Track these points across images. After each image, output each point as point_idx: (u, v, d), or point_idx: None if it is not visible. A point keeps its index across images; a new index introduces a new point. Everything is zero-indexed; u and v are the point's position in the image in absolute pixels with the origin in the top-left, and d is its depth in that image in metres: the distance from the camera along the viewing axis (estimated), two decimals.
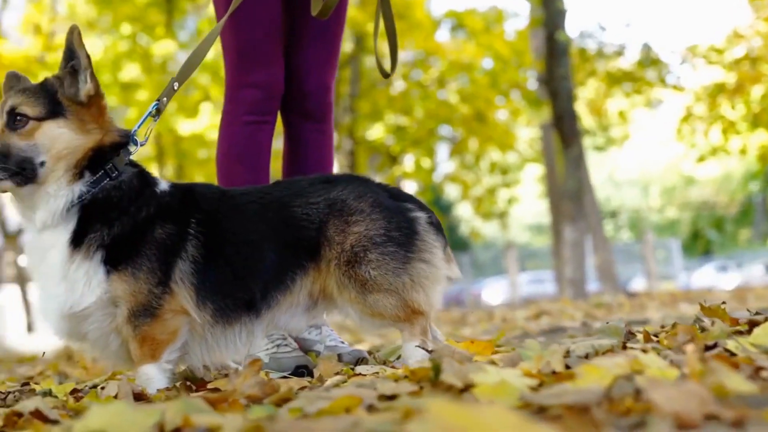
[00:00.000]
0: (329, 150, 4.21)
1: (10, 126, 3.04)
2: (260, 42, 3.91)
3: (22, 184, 3.01)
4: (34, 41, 25.36)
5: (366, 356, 3.81)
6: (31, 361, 9.34)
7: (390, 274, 3.21)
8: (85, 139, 3.11)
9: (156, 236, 3.08)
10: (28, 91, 3.11)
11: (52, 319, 3.10)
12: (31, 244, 3.13)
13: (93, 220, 3.06)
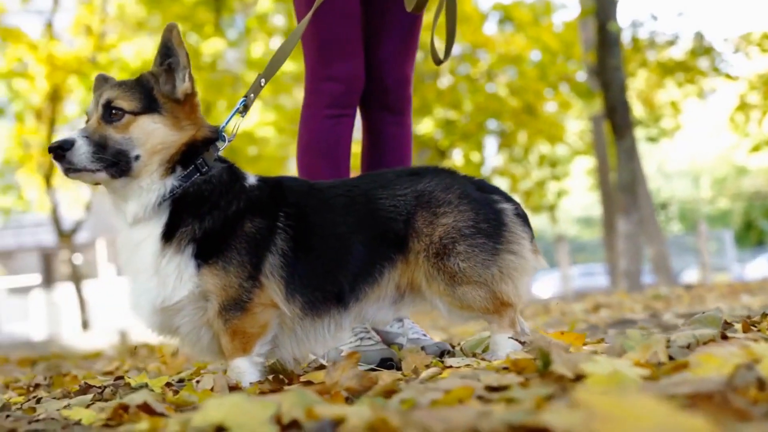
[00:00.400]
0: (408, 143, 4.21)
1: (106, 118, 3.09)
2: (341, 36, 3.92)
3: (116, 176, 3.04)
4: (85, 42, 25.60)
5: (450, 348, 3.80)
6: (94, 358, 9.44)
7: (479, 266, 3.20)
8: (179, 135, 3.14)
9: (246, 230, 3.10)
10: (124, 86, 3.15)
11: (144, 314, 3.13)
12: (123, 239, 3.17)
13: (184, 215, 3.09)
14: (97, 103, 3.13)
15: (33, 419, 2.58)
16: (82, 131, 3.05)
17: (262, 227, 3.12)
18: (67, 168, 2.99)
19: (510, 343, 3.23)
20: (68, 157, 2.98)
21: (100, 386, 3.33)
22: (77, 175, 3.03)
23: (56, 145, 2.98)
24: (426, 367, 3.05)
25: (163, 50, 3.20)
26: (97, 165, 3.01)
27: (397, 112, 4.17)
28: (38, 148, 25.51)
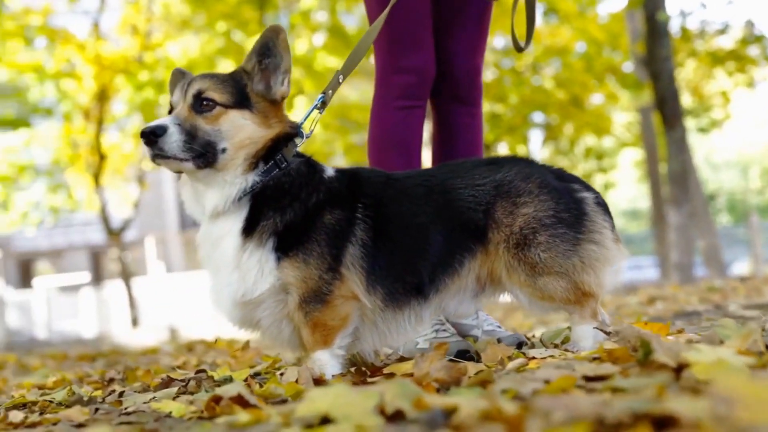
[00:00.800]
0: (480, 134, 4.16)
1: (196, 108, 3.08)
2: (412, 27, 3.88)
3: (201, 167, 3.04)
4: (131, 41, 25.80)
5: (525, 340, 3.76)
6: (153, 353, 9.50)
7: (560, 256, 3.16)
8: (266, 132, 3.14)
9: (325, 222, 3.08)
10: (216, 78, 3.15)
11: (225, 307, 3.12)
12: (203, 233, 3.16)
13: (264, 208, 3.08)
14: (184, 92, 3.12)
15: (123, 412, 2.58)
16: (173, 118, 3.03)
17: (342, 218, 3.11)
18: (156, 154, 2.97)
19: (593, 333, 3.19)
20: (159, 143, 2.96)
21: (182, 379, 3.33)
22: (164, 162, 3.01)
23: (149, 130, 2.95)
24: (509, 359, 3.02)
25: (263, 50, 3.19)
26: (186, 154, 3.00)
27: (468, 102, 4.14)
28: (86, 148, 25.77)
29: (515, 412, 1.61)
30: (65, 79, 25.27)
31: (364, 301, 3.10)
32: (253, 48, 3.21)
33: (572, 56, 27.07)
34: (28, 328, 30.54)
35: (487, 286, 3.29)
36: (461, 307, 3.30)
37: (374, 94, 4.03)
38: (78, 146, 25.97)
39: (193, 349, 9.33)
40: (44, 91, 26.44)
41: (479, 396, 1.77)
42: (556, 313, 5.15)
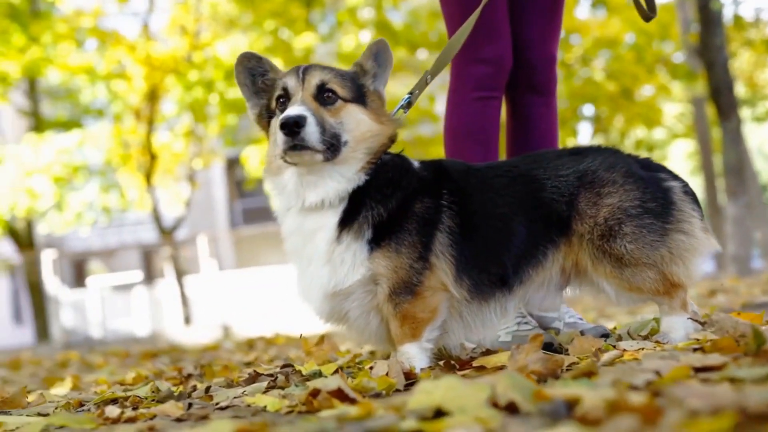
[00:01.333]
0: (555, 124, 4.11)
1: (320, 100, 3.06)
2: (489, 17, 3.83)
3: (329, 159, 3.01)
4: (180, 41, 25.97)
5: (609, 332, 3.70)
6: (213, 350, 9.54)
7: (647, 247, 3.10)
8: (382, 127, 3.13)
9: (416, 210, 3.06)
10: (336, 71, 3.15)
11: (314, 300, 3.11)
12: (293, 226, 3.13)
13: (366, 200, 3.06)
14: (302, 80, 3.09)
15: (217, 407, 2.57)
16: (306, 108, 2.98)
17: (430, 206, 3.09)
18: (295, 144, 2.92)
19: (684, 324, 3.13)
20: (302, 133, 2.92)
21: (269, 374, 3.33)
22: (300, 153, 2.95)
23: (293, 120, 2.90)
24: (599, 351, 2.97)
25: (372, 55, 3.24)
26: (321, 146, 2.96)
27: (544, 92, 4.08)
28: (137, 148, 26.00)
29: (645, 403, 1.57)
30: (116, 80, 25.50)
31: (452, 292, 3.07)
32: (368, 49, 3.23)
33: (622, 48, 26.78)
34: (83, 327, 30.86)
35: (572, 278, 3.25)
36: (546, 299, 3.26)
37: (450, 86, 4.00)
38: (129, 146, 26.20)
39: (254, 345, 9.36)
40: (96, 93, 26.75)
41: (598, 387, 1.72)
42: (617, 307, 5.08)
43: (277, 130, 2.94)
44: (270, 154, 3.16)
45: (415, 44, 25.19)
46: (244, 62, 3.26)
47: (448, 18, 4.03)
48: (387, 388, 2.67)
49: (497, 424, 1.70)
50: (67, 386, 4.68)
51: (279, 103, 3.12)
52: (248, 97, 3.27)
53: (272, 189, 3.19)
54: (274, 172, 3.17)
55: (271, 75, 3.24)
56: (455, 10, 3.97)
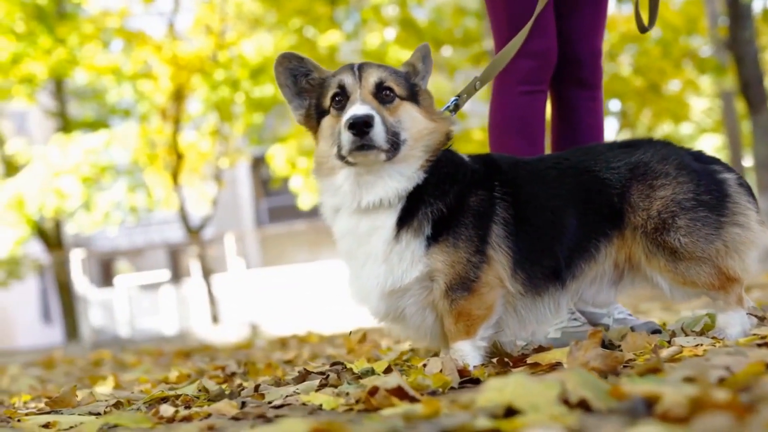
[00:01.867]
0: (601, 118, 4.05)
1: (379, 98, 3.02)
2: (534, 10, 3.76)
3: (390, 158, 2.97)
4: (206, 41, 26.02)
5: (659, 328, 3.65)
6: (246, 348, 9.54)
7: (702, 240, 3.05)
8: (436, 125, 3.10)
9: (471, 203, 3.03)
10: (390, 69, 3.12)
11: (371, 300, 3.08)
12: (347, 227, 3.08)
13: (420, 199, 3.02)
14: (359, 78, 3.04)
15: (273, 405, 2.54)
16: (371, 107, 2.94)
17: (484, 198, 3.06)
18: (363, 144, 2.88)
19: (741, 319, 3.07)
20: (370, 133, 2.87)
21: (320, 372, 3.30)
22: (366, 153, 2.90)
23: (363, 120, 2.84)
24: (657, 348, 2.91)
25: (421, 56, 3.24)
26: (387, 145, 2.92)
27: (590, 86, 4.02)
28: (164, 147, 26.08)
29: (731, 400, 1.53)
30: (142, 80, 25.61)
31: (508, 287, 3.04)
32: (418, 51, 3.22)
33: (648, 42, 26.59)
34: (111, 326, 31.02)
35: (626, 273, 3.19)
36: (600, 294, 3.21)
37: (495, 79, 3.94)
38: (156, 146, 26.30)
39: (287, 344, 9.35)
40: (122, 93, 26.88)
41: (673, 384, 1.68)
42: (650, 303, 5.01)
43: (343, 130, 2.89)
44: (323, 155, 3.10)
45: (440, 41, 25.12)
46: (285, 63, 3.20)
47: (493, 15, 3.97)
48: (442, 386, 2.63)
49: (575, 422, 1.66)
50: (110, 385, 4.67)
51: (334, 101, 3.06)
52: (290, 98, 3.21)
53: (324, 190, 3.13)
54: (326, 172, 3.10)
55: (315, 74, 3.19)
56: (500, 6, 3.91)
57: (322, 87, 3.14)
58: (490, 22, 4.02)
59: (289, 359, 5.03)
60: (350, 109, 2.91)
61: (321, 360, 4.52)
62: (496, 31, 3.95)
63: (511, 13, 3.77)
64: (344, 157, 2.95)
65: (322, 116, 3.12)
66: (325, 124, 3.09)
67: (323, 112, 3.11)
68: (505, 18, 3.87)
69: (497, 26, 3.94)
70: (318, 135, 3.15)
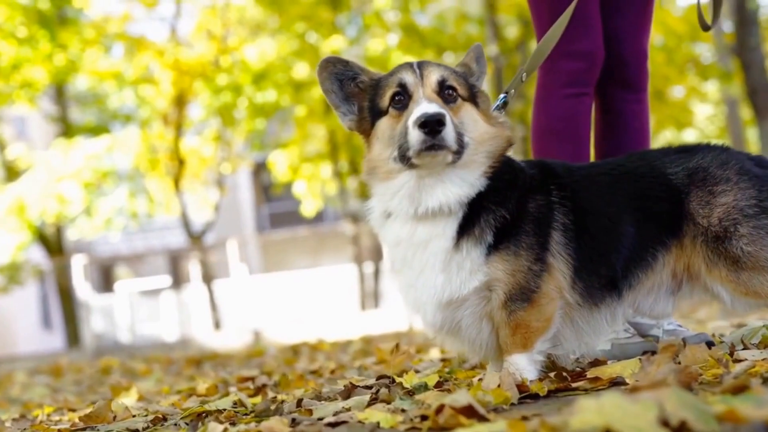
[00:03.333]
0: (647, 121, 3.90)
1: (443, 97, 2.89)
2: (580, 8, 3.61)
3: (456, 161, 2.83)
4: (208, 46, 25.93)
5: (712, 340, 3.52)
6: (258, 356, 9.42)
7: (766, 249, 2.92)
8: (497, 130, 2.97)
9: (530, 209, 2.91)
10: (450, 69, 2.99)
11: (427, 310, 2.94)
12: (403, 234, 2.94)
13: (481, 206, 2.88)
14: (421, 77, 2.90)
15: (327, 423, 2.40)
16: (440, 105, 2.80)
17: (543, 203, 2.93)
18: (433, 144, 2.73)
19: None
20: (443, 134, 2.73)
21: (367, 386, 3.16)
22: (436, 153, 2.76)
23: (437, 118, 2.70)
24: (721, 363, 2.77)
25: (475, 57, 3.15)
26: (456, 146, 2.79)
27: (636, 88, 3.88)
28: (166, 153, 25.97)
29: None
30: (144, 85, 25.50)
31: (567, 297, 2.92)
32: (471, 51, 3.12)
33: (652, 49, 26.47)
34: (112, 332, 30.86)
35: (684, 283, 3.06)
36: (657, 305, 3.08)
37: (538, 81, 3.81)
38: (157, 151, 26.18)
39: (299, 351, 9.22)
40: (123, 98, 26.75)
41: None
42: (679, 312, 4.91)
43: (411, 129, 2.74)
44: (378, 157, 2.95)
45: (442, 47, 25.07)
46: (329, 67, 3.06)
47: (535, 12, 3.85)
48: (503, 402, 2.50)
49: None
50: (134, 396, 4.53)
51: (394, 101, 2.91)
52: (338, 103, 3.06)
53: (378, 194, 2.98)
54: (382, 176, 2.95)
55: (364, 77, 3.05)
56: (543, 5, 3.79)
57: (376, 88, 3.00)
58: (532, 20, 3.88)
59: (315, 369, 4.90)
60: (417, 108, 2.77)
61: (351, 371, 4.38)
62: (538, 28, 3.82)
63: (560, 12, 3.61)
64: (409, 158, 2.79)
65: (377, 118, 2.97)
66: (383, 125, 2.94)
67: (379, 114, 2.96)
68: (547, 12, 3.74)
69: (539, 22, 3.81)
70: (372, 138, 2.99)
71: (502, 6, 23.24)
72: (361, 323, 19.45)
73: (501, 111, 3.24)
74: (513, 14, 23.32)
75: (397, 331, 13.26)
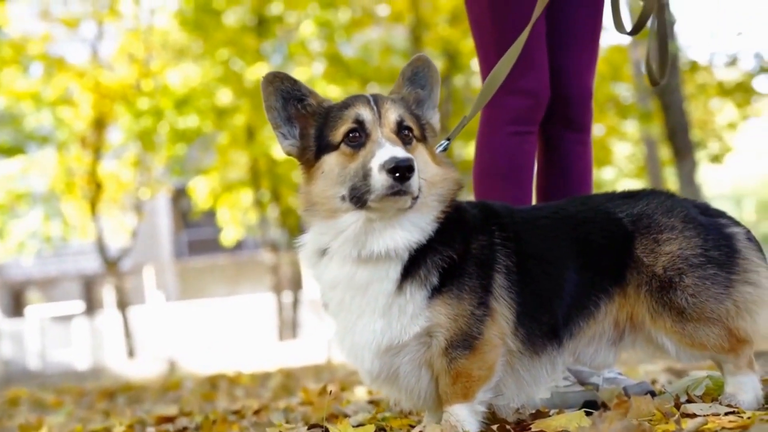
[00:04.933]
0: (590, 164, 3.82)
1: (402, 138, 2.74)
2: (527, 44, 3.47)
3: (411, 206, 2.69)
4: (129, 69, 25.57)
5: (653, 390, 3.43)
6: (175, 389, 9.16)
7: (711, 300, 2.85)
8: (445, 171, 2.84)
9: (473, 251, 2.79)
10: (405, 104, 2.86)
11: (364, 357, 2.78)
12: (341, 277, 2.78)
13: (427, 248, 2.74)
14: (379, 114, 2.74)
15: None
16: (402, 148, 2.65)
17: (486, 245, 2.82)
18: (402, 191, 2.59)
19: (755, 385, 2.89)
20: (411, 180, 2.58)
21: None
22: (398, 198, 2.61)
23: (408, 164, 2.55)
24: (663, 415, 2.68)
25: (414, 78, 2.93)
26: (418, 191, 2.64)
27: (580, 128, 3.79)
28: (83, 176, 25.48)
29: None
30: (62, 107, 25.01)
31: (509, 344, 2.80)
32: (402, 75, 2.92)
33: None
34: (21, 358, 30.03)
35: (627, 333, 2.97)
36: (598, 355, 2.98)
37: (482, 119, 3.69)
38: (74, 174, 25.67)
39: (216, 385, 8.99)
40: (41, 119, 26.14)
41: None
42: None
43: (378, 173, 2.58)
44: (322, 194, 2.77)
45: (367, 78, 25.05)
46: (276, 82, 2.85)
47: (480, 46, 3.74)
48: None
49: None
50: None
51: (349, 137, 2.74)
52: (279, 123, 2.87)
53: (318, 231, 2.81)
54: (324, 213, 2.78)
55: (311, 100, 2.87)
56: (489, 39, 3.68)
57: (326, 117, 2.83)
58: (477, 54, 3.77)
59: (237, 410, 4.69)
60: (382, 151, 2.61)
61: (276, 414, 4.19)
62: (484, 62, 3.71)
63: (504, 46, 3.48)
64: (365, 201, 2.64)
65: (325, 151, 2.79)
66: (332, 161, 2.77)
67: (327, 147, 2.79)
68: (494, 49, 3.63)
69: (485, 57, 3.69)
70: (315, 171, 2.81)
71: (427, 40, 23.38)
72: (279, 353, 19.24)
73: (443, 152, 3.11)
74: (438, 49, 23.46)
75: (316, 364, 13.09)
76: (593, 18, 3.81)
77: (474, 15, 3.74)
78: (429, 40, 23.29)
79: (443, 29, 23.13)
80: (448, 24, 23.21)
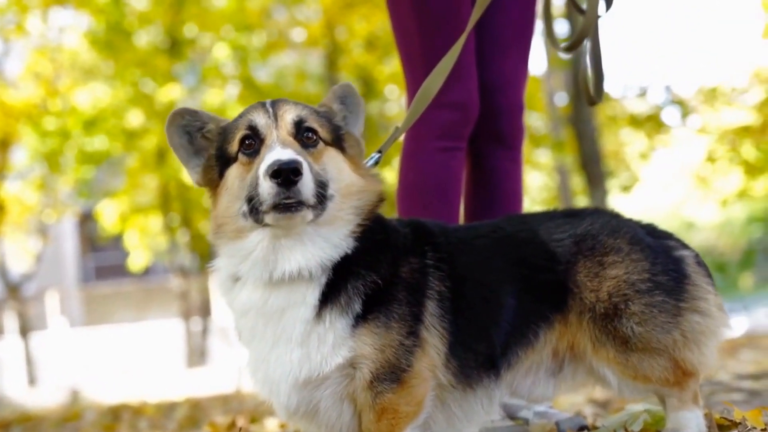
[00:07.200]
0: (520, 183, 3.62)
1: (300, 141, 2.49)
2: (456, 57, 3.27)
3: (317, 217, 2.43)
4: (36, 89, 24.89)
5: (587, 424, 3.22)
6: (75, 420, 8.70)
7: (658, 329, 2.66)
8: (367, 182, 2.59)
9: (403, 274, 2.54)
10: (310, 107, 2.59)
11: (279, 392, 2.50)
12: (253, 302, 2.51)
13: (348, 269, 2.49)
14: (273, 116, 2.50)
15: None
16: (293, 150, 2.39)
17: (417, 268, 2.58)
18: (288, 204, 2.34)
19: (698, 420, 2.69)
20: (299, 185, 2.33)
21: None
22: (292, 215, 2.37)
23: (291, 166, 2.30)
24: None
25: (342, 100, 2.71)
26: (314, 200, 2.38)
27: (509, 145, 3.59)
28: None
29: None
30: None
31: (440, 377, 2.56)
32: (332, 93, 2.70)
33: None
34: None
35: (567, 363, 2.74)
36: (537, 387, 2.75)
37: (407, 133, 3.46)
38: None
39: (119, 415, 8.56)
40: None
41: None
42: None
43: (263, 179, 2.34)
44: (226, 213, 2.53)
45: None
46: (177, 120, 2.65)
47: (406, 58, 3.51)
48: None
49: None
50: None
51: (244, 146, 2.51)
52: (186, 159, 2.65)
53: (227, 255, 2.56)
54: (231, 234, 2.53)
55: (211, 125, 2.65)
56: (416, 51, 3.45)
57: (224, 133, 2.60)
58: (403, 67, 3.54)
59: None
60: (269, 154, 2.37)
61: None
62: (410, 75, 3.48)
63: (433, 58, 3.25)
64: (259, 213, 2.40)
65: (226, 166, 2.57)
66: (232, 174, 2.54)
67: (227, 161, 2.56)
68: (422, 63, 3.41)
69: (413, 76, 3.47)
70: (220, 189, 2.58)
71: (342, 65, 23.26)
72: (187, 381, 18.77)
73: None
74: (353, 74, 23.34)
75: (224, 393, 12.70)
76: (524, 31, 3.63)
77: (400, 26, 3.52)
78: (344, 65, 23.18)
79: (359, 55, 23.08)
80: (363, 50, 23.16)
